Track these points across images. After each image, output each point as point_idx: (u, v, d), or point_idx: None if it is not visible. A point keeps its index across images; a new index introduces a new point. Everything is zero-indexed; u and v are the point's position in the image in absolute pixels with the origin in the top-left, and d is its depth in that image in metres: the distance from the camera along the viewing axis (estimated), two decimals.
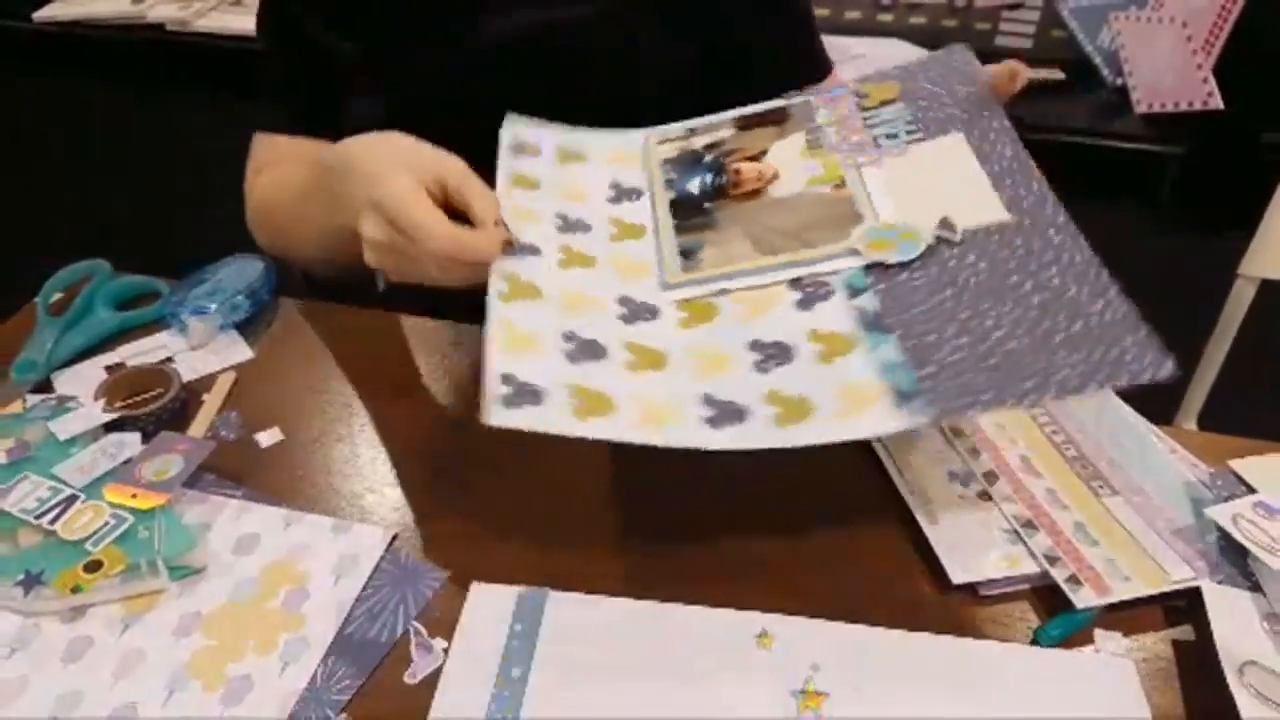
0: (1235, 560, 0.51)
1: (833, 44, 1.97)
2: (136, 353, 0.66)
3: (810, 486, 0.57)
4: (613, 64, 0.81)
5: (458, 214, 0.54)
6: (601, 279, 0.57)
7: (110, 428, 0.59)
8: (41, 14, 1.69)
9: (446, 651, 0.49)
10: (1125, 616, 0.50)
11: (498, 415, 0.45)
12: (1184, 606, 0.50)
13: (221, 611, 0.51)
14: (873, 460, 0.58)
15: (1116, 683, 0.47)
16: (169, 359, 0.65)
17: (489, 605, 0.50)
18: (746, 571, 0.52)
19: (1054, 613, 0.49)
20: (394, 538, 0.54)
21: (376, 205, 0.53)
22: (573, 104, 0.80)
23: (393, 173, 0.53)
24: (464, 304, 0.56)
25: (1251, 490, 0.54)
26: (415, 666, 0.48)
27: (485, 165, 0.75)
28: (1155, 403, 0.67)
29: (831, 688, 0.46)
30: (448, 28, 0.76)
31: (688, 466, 0.57)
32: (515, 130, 0.68)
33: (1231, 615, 0.48)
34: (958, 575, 0.51)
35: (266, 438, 0.60)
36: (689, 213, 0.61)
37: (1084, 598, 0.49)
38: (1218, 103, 1.55)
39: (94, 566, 0.50)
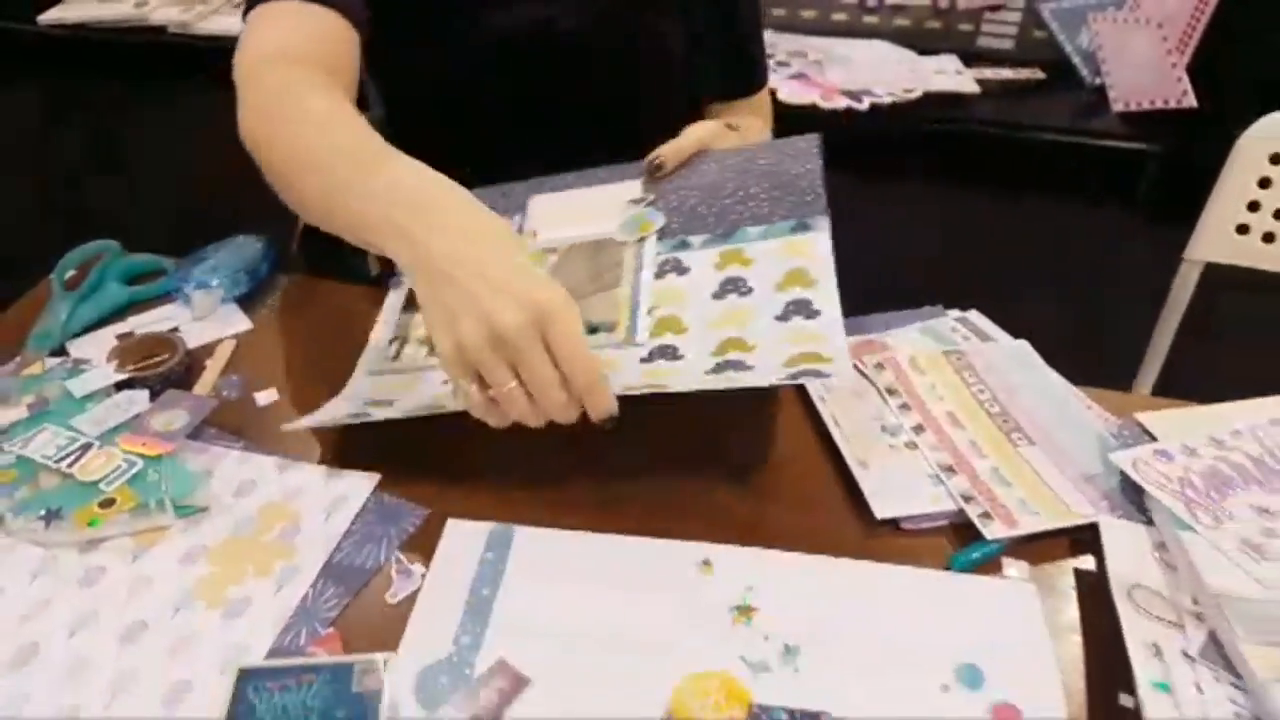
0: (1134, 499, 0.57)
1: (819, 46, 2.04)
2: (145, 323, 0.73)
3: (756, 437, 0.64)
4: (612, 64, 0.86)
5: None
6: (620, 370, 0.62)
7: (120, 388, 0.66)
8: (46, 16, 1.77)
9: (424, 576, 0.55)
10: (1033, 548, 0.56)
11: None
12: (1088, 540, 0.57)
13: (223, 545, 0.57)
14: (813, 414, 0.65)
15: (1019, 603, 0.54)
16: (175, 329, 0.72)
17: (463, 537, 0.57)
18: (694, 510, 0.59)
19: (967, 544, 0.56)
20: (379, 482, 0.61)
21: (540, 296, 0.50)
22: (572, 103, 0.85)
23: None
24: None
25: (1154, 439, 0.61)
26: (396, 588, 0.55)
27: (484, 166, 0.80)
28: (1114, 378, 0.74)
29: (762, 604, 0.53)
30: (450, 25, 0.80)
31: (642, 419, 0.65)
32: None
33: (1126, 545, 0.55)
34: (881, 511, 0.57)
35: (264, 397, 0.67)
36: None
37: (993, 530, 0.56)
38: (1191, 101, 1.62)
39: (108, 503, 0.57)
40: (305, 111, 0.62)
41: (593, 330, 0.65)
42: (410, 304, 0.72)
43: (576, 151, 0.80)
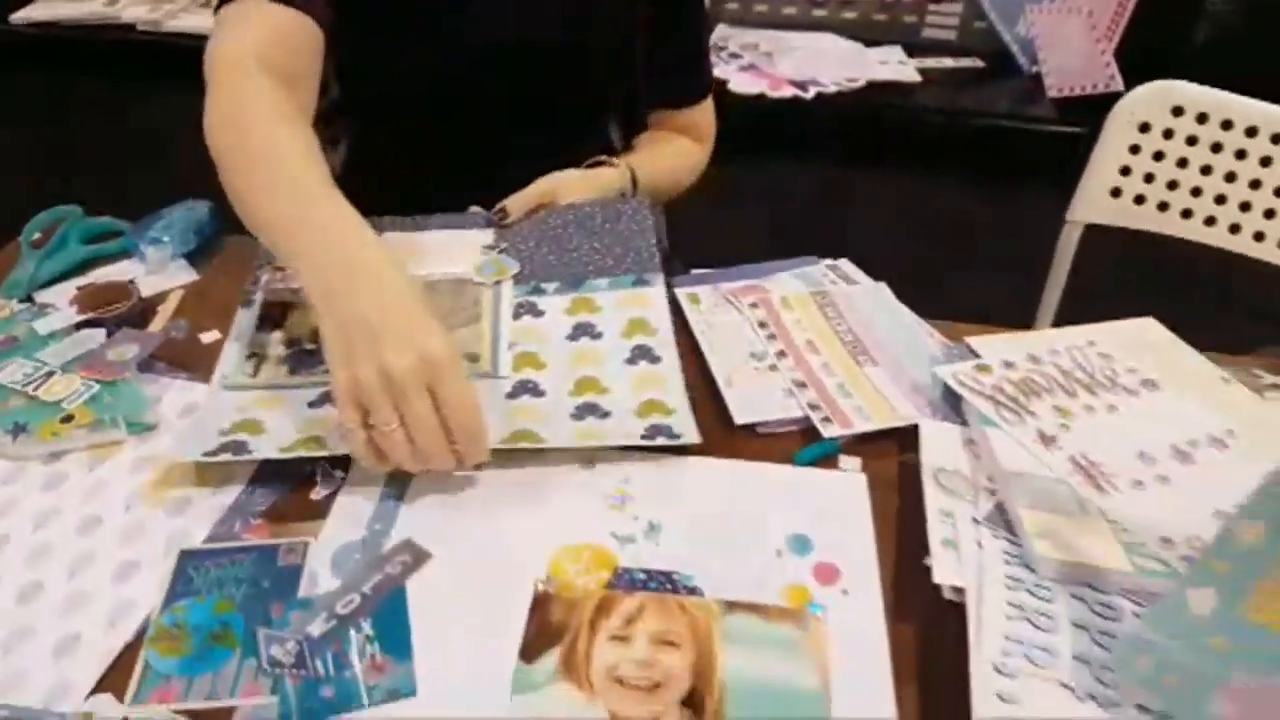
0: (954, 405, 0.68)
1: (770, 38, 2.16)
2: (103, 276, 0.83)
3: None
4: (610, 63, 0.95)
5: None
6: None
7: (80, 328, 0.76)
8: (19, 15, 1.87)
9: (344, 479, 0.65)
10: (869, 448, 0.67)
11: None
12: (914, 441, 0.67)
13: (168, 456, 0.67)
14: (697, 349, 0.76)
15: (849, 489, 0.64)
16: (130, 280, 0.82)
17: None
18: None
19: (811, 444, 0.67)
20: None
21: (431, 346, 0.57)
22: (569, 103, 0.93)
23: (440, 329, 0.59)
24: None
25: (977, 357, 0.71)
26: (319, 488, 0.65)
27: (475, 162, 0.87)
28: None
29: (635, 492, 0.63)
30: (441, 24, 0.86)
31: None
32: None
33: (940, 440, 0.65)
34: (740, 418, 0.68)
35: (207, 337, 0.77)
36: None
37: (831, 430, 0.66)
38: (1119, 85, 1.74)
39: (67, 419, 0.67)
40: (265, 138, 0.69)
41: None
42: (264, 323, 0.76)
43: (564, 148, 0.89)
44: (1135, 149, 1.05)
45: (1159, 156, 1.05)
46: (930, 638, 0.55)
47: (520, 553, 0.60)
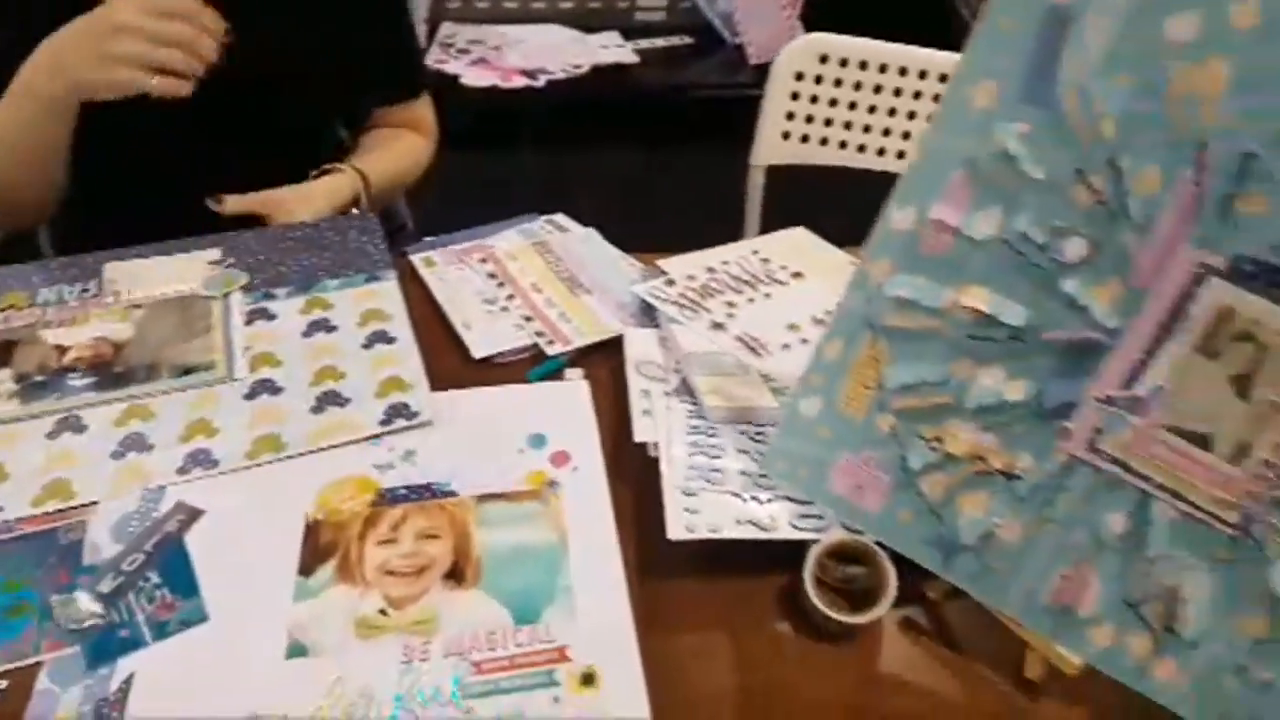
0: (650, 314, 0.84)
1: (496, 32, 2.27)
2: None
3: None
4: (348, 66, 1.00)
5: None
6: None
7: None
8: None
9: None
10: (588, 359, 0.81)
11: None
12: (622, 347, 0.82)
13: None
14: (435, 303, 0.87)
15: (574, 394, 0.78)
16: None
17: None
18: None
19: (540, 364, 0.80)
20: None
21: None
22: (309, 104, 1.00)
23: None
24: None
25: (666, 275, 0.88)
26: None
27: (213, 164, 0.91)
28: None
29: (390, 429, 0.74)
30: None
31: None
32: None
33: (640, 342, 0.81)
34: (478, 352, 0.80)
35: None
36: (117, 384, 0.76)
37: (555, 349, 0.80)
38: None
39: None
40: None
41: (192, 370, 0.76)
42: None
43: (300, 149, 0.95)
44: (795, 96, 1.27)
45: (814, 100, 1.27)
46: (640, 490, 0.69)
47: (287, 497, 0.69)
